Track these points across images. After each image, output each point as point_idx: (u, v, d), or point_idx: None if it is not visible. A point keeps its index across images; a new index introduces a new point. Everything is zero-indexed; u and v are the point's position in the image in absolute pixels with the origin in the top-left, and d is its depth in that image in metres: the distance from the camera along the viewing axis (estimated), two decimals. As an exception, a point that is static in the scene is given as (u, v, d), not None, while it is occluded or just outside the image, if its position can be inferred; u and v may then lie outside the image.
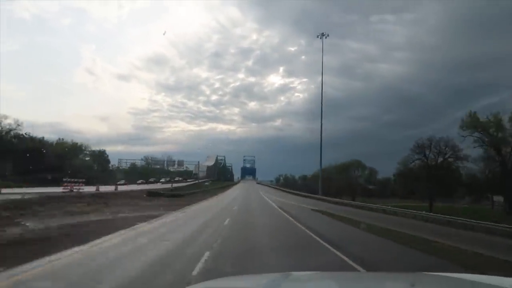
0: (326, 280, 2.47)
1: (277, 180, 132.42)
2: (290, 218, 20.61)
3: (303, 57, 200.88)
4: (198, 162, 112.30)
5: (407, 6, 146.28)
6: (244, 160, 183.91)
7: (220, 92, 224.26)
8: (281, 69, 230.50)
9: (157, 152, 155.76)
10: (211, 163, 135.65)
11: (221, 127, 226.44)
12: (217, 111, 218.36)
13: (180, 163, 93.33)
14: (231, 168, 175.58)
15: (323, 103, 50.24)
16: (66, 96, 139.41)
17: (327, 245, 11.16)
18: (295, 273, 2.52)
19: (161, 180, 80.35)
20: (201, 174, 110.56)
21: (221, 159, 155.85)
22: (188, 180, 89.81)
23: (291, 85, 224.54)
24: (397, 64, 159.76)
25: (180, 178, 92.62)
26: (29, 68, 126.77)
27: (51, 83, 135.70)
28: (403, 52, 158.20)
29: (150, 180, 77.22)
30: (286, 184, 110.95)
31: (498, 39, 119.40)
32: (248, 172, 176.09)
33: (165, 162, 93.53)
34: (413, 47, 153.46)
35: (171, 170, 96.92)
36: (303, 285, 2.28)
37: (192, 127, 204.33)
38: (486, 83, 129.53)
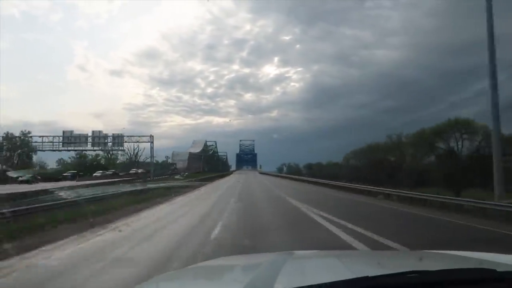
0: (329, 258, 2.47)
1: (280, 169, 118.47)
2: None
3: (297, 46, 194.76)
4: (172, 152, 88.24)
5: None
6: (240, 145, 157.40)
7: (215, 85, 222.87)
8: (276, 59, 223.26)
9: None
10: (196, 149, 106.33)
11: (217, 120, 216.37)
12: (213, 104, 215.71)
13: (118, 139, 54.31)
14: (226, 157, 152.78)
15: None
16: (59, 94, 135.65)
17: None
18: (297, 252, 2.58)
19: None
20: (180, 165, 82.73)
21: (211, 145, 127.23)
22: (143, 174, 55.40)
23: (287, 75, 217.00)
24: (394, 49, 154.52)
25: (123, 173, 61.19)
26: (20, 67, 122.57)
27: (44, 81, 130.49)
28: (399, 37, 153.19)
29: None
30: (291, 173, 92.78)
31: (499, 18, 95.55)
32: (246, 160, 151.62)
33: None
34: (409, 31, 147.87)
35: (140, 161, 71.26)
36: (306, 263, 2.26)
37: (188, 121, 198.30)
38: (483, 66, 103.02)
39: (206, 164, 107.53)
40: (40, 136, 52.48)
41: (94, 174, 53.41)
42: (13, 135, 57.35)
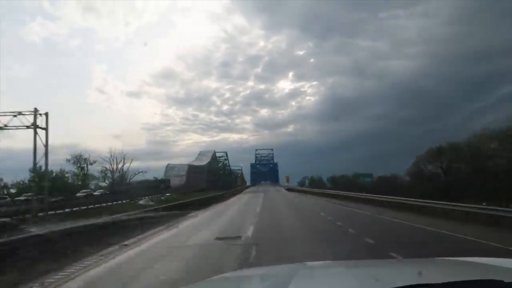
0: (339, 268, 2.50)
1: (302, 183, 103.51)
2: None
3: (312, 60, 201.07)
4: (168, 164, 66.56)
5: None
6: (256, 156, 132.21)
7: (231, 102, 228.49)
8: (290, 73, 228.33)
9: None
10: (202, 162, 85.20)
11: (234, 136, 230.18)
12: (229, 121, 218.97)
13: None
14: (241, 172, 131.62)
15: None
16: (79, 117, 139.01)
17: None
18: (309, 263, 2.60)
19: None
20: (176, 181, 60.21)
21: (221, 157, 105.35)
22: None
23: (302, 89, 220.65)
24: (410, 59, 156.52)
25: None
26: (42, 92, 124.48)
27: (64, 104, 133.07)
28: (415, 47, 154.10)
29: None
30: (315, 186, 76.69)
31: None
32: (264, 173, 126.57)
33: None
34: (425, 41, 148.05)
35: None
36: (317, 273, 2.28)
37: (205, 139, 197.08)
38: (502, 73, 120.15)
39: (214, 179, 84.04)
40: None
41: None
42: None
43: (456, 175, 37.00)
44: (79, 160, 57.41)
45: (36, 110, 24.63)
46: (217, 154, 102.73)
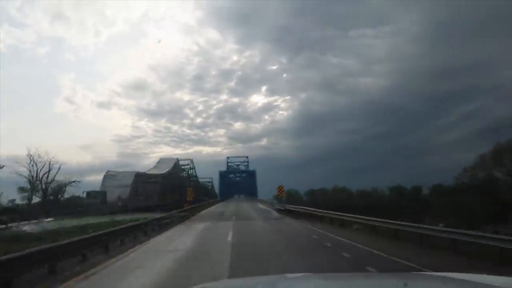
0: (320, 281, 2.46)
1: (276, 197, 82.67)
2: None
3: (284, 75, 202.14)
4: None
5: (385, 18, 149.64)
6: (228, 165, 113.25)
7: (204, 115, 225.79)
8: (263, 88, 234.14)
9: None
10: (160, 170, 69.54)
11: (207, 149, 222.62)
12: (202, 134, 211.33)
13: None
14: (211, 184, 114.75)
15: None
16: (46, 127, 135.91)
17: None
18: (289, 275, 2.57)
19: None
20: (116, 194, 45.66)
21: (186, 166, 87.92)
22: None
23: (275, 103, 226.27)
24: (379, 76, 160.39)
25: None
26: (7, 101, 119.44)
27: (31, 114, 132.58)
28: (383, 64, 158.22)
29: None
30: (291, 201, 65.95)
31: (478, 44, 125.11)
32: (237, 183, 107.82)
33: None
34: (393, 59, 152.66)
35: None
36: (297, 285, 2.33)
37: (177, 151, 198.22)
38: (467, 89, 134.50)
39: (172, 191, 66.54)
40: None
41: None
42: None
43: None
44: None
45: None
46: (182, 162, 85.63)
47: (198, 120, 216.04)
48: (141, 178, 53.39)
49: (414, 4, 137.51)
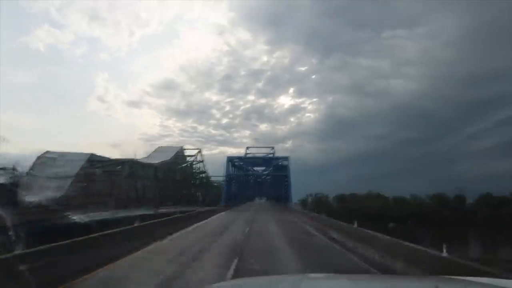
0: (343, 281, 2.42)
1: (304, 201, 78.63)
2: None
3: (313, 76, 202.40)
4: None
5: (419, 19, 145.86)
6: (246, 155, 76.29)
7: (231, 115, 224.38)
8: (291, 89, 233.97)
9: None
10: (155, 160, 53.99)
11: (232, 150, 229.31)
12: (228, 135, 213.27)
13: None
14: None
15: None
16: (79, 125, 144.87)
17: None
18: (311, 275, 2.69)
19: None
20: (42, 188, 26.04)
21: (193, 156, 69.50)
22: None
23: (302, 105, 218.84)
24: (410, 80, 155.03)
25: None
26: (44, 99, 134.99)
27: (65, 112, 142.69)
28: (416, 68, 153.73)
29: None
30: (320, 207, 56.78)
31: None
32: (258, 185, 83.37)
33: None
34: (426, 62, 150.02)
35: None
36: (320, 285, 2.31)
37: (203, 152, 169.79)
38: (502, 96, 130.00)
39: (164, 191, 51.37)
40: None
41: None
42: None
43: None
44: None
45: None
46: (187, 153, 69.45)
47: (224, 120, 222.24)
48: (98, 166, 38.37)
49: (452, 5, 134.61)
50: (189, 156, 72.16)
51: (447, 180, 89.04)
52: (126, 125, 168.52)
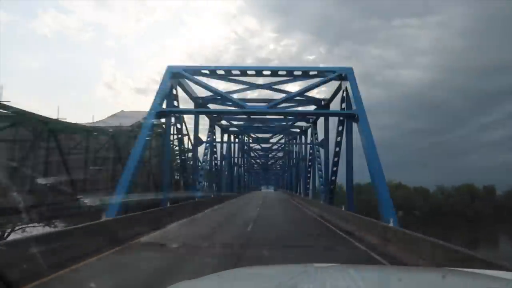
0: (349, 271, 2.39)
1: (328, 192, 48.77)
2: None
3: (321, 65, 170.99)
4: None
5: (431, 8, 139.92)
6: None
7: None
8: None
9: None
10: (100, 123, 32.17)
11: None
12: None
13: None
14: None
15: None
16: (86, 111, 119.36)
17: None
18: (317, 265, 2.56)
19: None
20: None
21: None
22: None
23: (310, 94, 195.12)
24: (421, 69, 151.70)
25: None
26: (50, 84, 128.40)
27: (72, 98, 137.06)
28: (426, 57, 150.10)
29: None
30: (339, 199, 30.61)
31: None
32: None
33: None
34: (437, 52, 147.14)
35: None
36: (325, 275, 2.27)
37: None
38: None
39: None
40: None
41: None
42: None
43: None
44: None
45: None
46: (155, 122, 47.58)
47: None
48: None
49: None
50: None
51: (459, 171, 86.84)
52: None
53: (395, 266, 5.92)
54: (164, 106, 19.67)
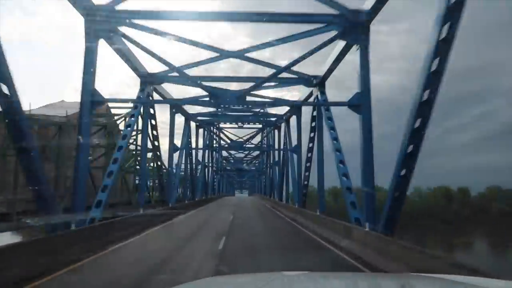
0: (318, 280, 2.41)
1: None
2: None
3: (294, 69, 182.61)
4: None
5: (400, 16, 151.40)
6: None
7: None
8: (273, 83, 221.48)
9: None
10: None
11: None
12: None
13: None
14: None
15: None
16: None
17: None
18: (286, 273, 2.58)
19: None
20: None
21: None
22: None
23: (284, 98, 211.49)
24: (391, 74, 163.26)
25: None
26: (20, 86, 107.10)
27: None
28: (396, 63, 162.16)
29: None
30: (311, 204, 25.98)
31: (492, 47, 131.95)
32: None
33: None
34: (406, 57, 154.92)
35: None
36: (295, 284, 2.25)
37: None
38: (479, 91, 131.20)
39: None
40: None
41: None
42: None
43: None
44: None
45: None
46: (120, 111, 31.64)
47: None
48: None
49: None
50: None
51: (430, 174, 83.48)
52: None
53: (363, 273, 6.00)
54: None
